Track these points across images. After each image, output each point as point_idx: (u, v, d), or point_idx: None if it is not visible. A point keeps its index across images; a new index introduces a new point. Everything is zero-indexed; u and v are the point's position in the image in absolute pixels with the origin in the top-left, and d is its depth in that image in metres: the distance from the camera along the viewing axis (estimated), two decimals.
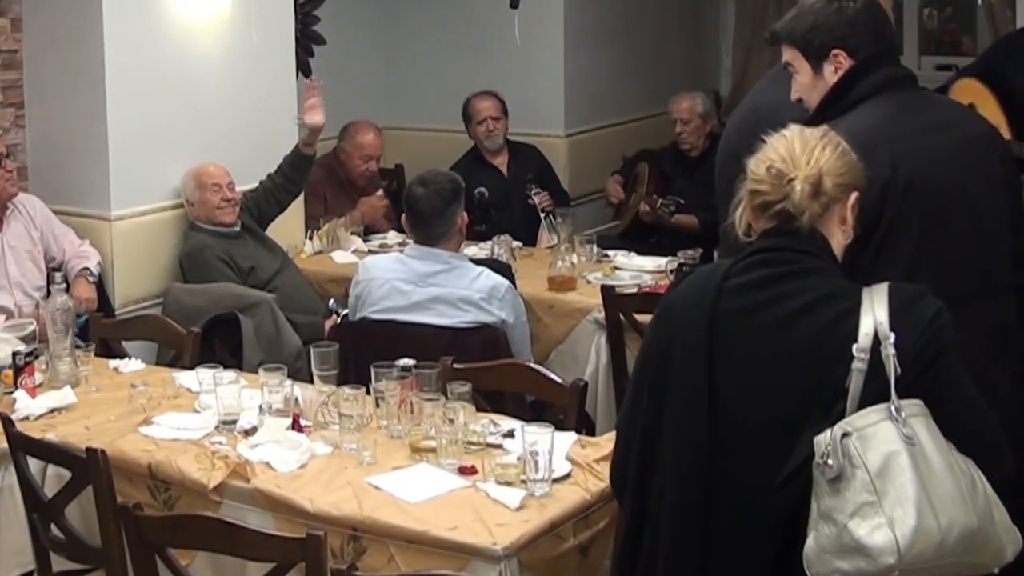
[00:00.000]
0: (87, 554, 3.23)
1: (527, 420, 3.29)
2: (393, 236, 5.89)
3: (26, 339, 4.00)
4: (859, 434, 2.11)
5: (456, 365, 3.70)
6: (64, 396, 3.69)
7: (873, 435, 2.12)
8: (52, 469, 3.33)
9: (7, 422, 3.32)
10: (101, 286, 4.84)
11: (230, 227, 5.11)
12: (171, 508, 3.18)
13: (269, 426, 3.37)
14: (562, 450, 3.12)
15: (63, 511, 3.24)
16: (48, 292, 4.50)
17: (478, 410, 3.45)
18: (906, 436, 2.12)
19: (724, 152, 3.14)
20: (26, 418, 3.55)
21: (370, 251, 5.63)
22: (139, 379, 3.82)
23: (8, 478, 3.36)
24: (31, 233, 4.79)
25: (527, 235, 5.90)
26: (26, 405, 3.61)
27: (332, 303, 5.16)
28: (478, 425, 3.30)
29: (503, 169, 6.42)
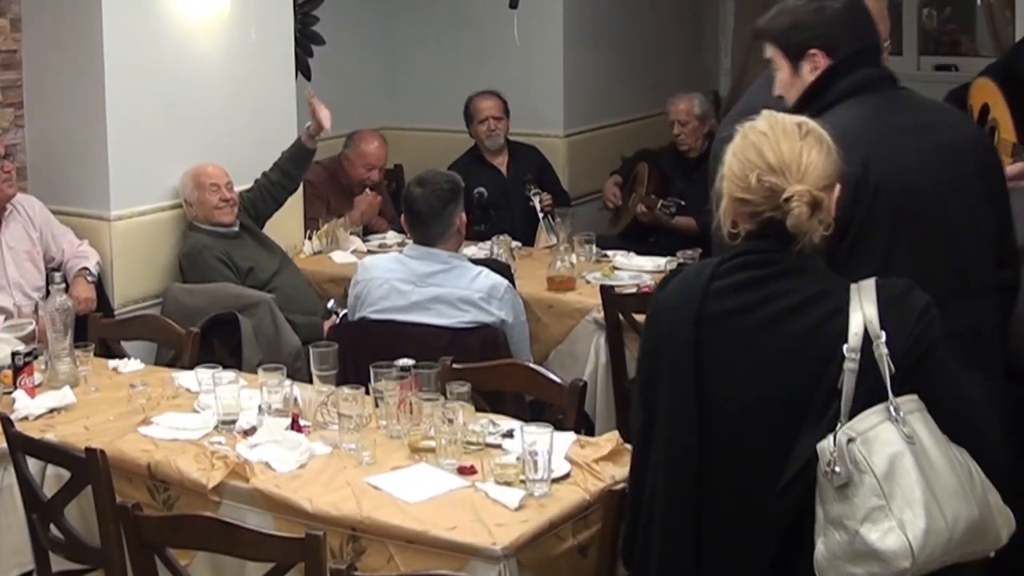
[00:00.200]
0: (86, 554, 3.23)
1: (526, 420, 3.29)
2: (392, 236, 5.90)
3: (25, 339, 4.00)
4: (863, 438, 2.12)
5: (455, 365, 3.70)
6: (63, 396, 3.69)
7: (876, 438, 2.12)
8: (51, 469, 3.33)
9: (6, 422, 3.32)
10: (100, 286, 4.84)
11: (229, 227, 5.11)
12: (170, 508, 3.18)
13: (268, 426, 3.38)
14: (561, 450, 3.12)
15: (62, 511, 3.24)
16: (47, 292, 4.51)
17: (477, 410, 3.45)
18: (907, 436, 2.13)
19: (718, 154, 3.14)
20: (25, 418, 3.55)
21: (369, 251, 5.63)
22: (138, 379, 3.82)
23: (7, 478, 3.36)
24: (30, 234, 4.79)
25: (526, 235, 5.90)
26: (25, 405, 3.61)
27: (331, 304, 5.17)
28: (477, 425, 3.30)
29: (503, 169, 6.42)
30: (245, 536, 2.70)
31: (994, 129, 4.22)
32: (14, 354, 3.74)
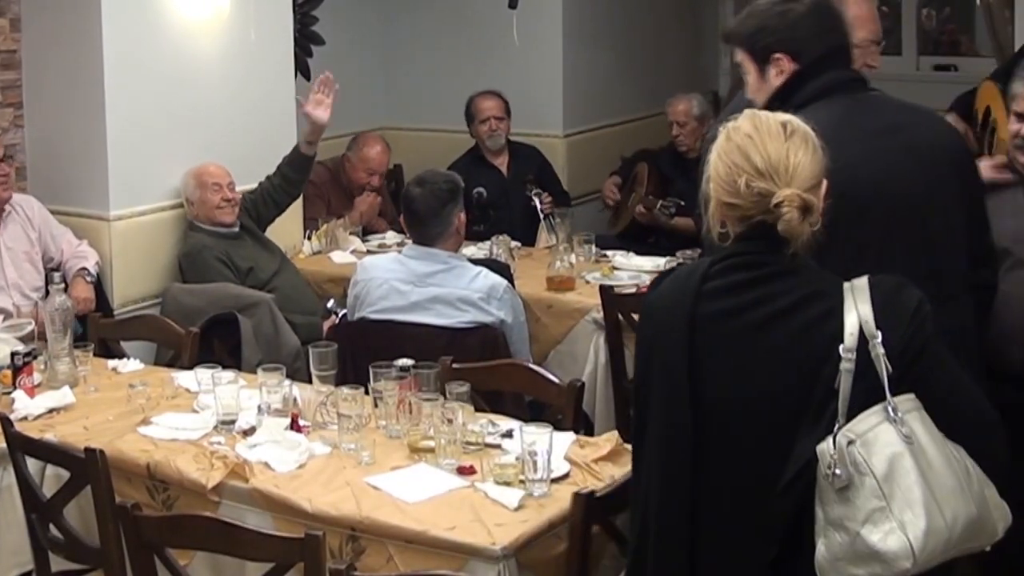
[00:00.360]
0: (86, 554, 3.23)
1: (526, 420, 3.29)
2: (392, 236, 5.90)
3: (24, 339, 4.00)
4: (862, 440, 2.11)
5: (455, 365, 3.70)
6: (63, 396, 3.69)
7: (875, 440, 2.12)
8: (51, 469, 3.33)
9: (6, 422, 3.32)
10: (99, 286, 4.84)
11: (229, 227, 5.12)
12: (170, 508, 3.18)
13: (268, 426, 3.38)
14: (560, 450, 3.13)
15: (62, 511, 3.24)
16: (46, 293, 4.51)
17: (477, 410, 3.45)
18: (905, 436, 2.13)
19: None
20: (25, 418, 3.55)
21: (368, 251, 5.63)
22: (138, 379, 3.82)
23: (7, 478, 3.36)
24: (28, 234, 4.79)
25: (526, 235, 5.90)
26: (25, 405, 3.61)
27: (331, 304, 5.17)
28: (477, 425, 3.30)
29: (503, 169, 6.42)
30: (244, 536, 2.70)
31: (994, 129, 4.24)
32: (13, 354, 3.74)
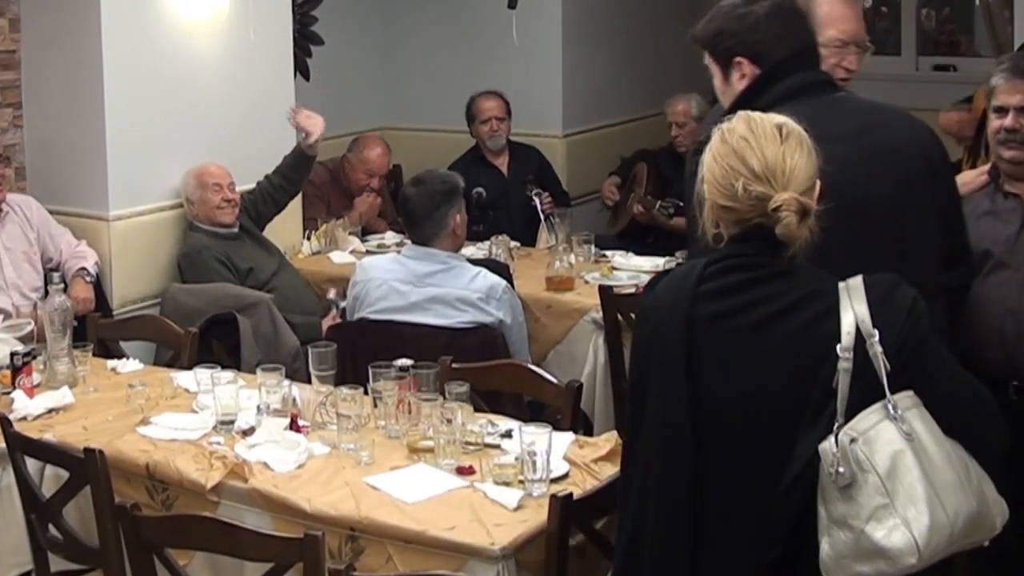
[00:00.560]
0: (85, 554, 3.23)
1: (525, 420, 3.29)
2: (391, 236, 5.90)
3: (24, 339, 4.00)
4: (864, 438, 2.12)
5: (454, 365, 3.70)
6: (62, 396, 3.70)
7: (876, 437, 2.12)
8: (50, 469, 3.33)
9: (5, 422, 3.32)
10: (99, 286, 4.84)
11: (229, 228, 5.12)
12: (169, 508, 3.18)
13: (267, 426, 3.38)
14: (560, 450, 3.13)
15: (61, 511, 3.24)
16: (46, 293, 4.51)
17: (476, 410, 3.45)
18: (906, 433, 2.13)
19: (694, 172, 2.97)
20: (24, 418, 3.55)
21: (368, 251, 5.63)
22: (137, 379, 3.82)
23: (6, 478, 3.37)
24: (27, 234, 4.78)
25: (526, 235, 5.90)
26: (24, 405, 3.61)
27: (332, 295, 5.14)
28: (476, 425, 3.30)
29: (504, 169, 6.43)
30: (244, 536, 2.70)
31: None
32: (13, 354, 3.74)
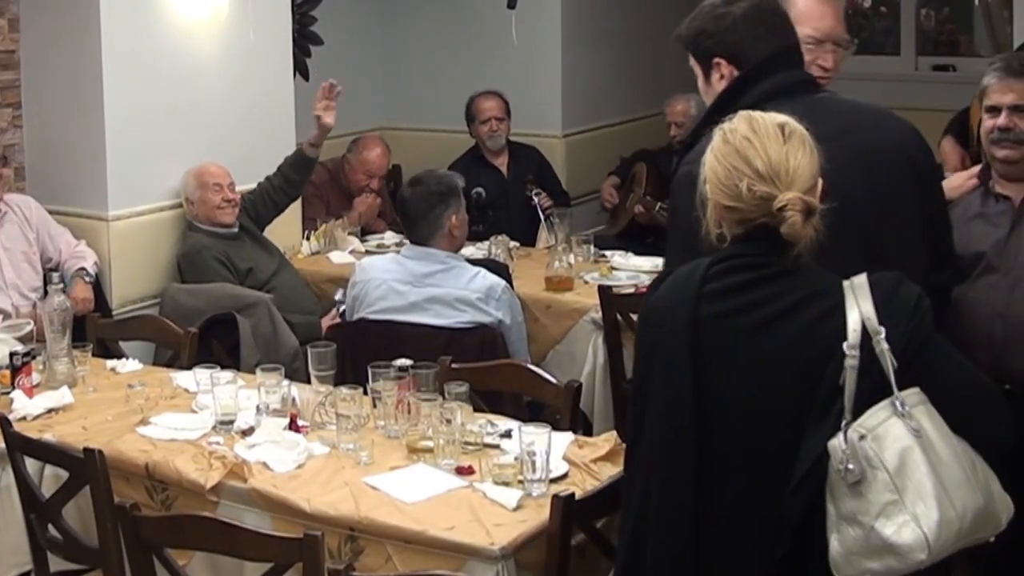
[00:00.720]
0: (84, 554, 3.23)
1: (524, 420, 3.29)
2: (390, 236, 5.90)
3: (23, 339, 4.00)
4: (873, 435, 2.13)
5: (453, 365, 3.70)
6: (61, 396, 3.69)
7: (885, 434, 2.13)
8: (49, 469, 3.32)
9: (4, 422, 3.32)
10: (98, 286, 4.84)
11: (229, 228, 5.12)
12: (168, 508, 3.18)
13: (266, 426, 3.38)
14: (559, 450, 3.13)
15: (60, 511, 3.24)
16: (45, 293, 4.51)
17: (475, 410, 3.45)
18: (914, 430, 2.14)
19: (681, 186, 2.72)
20: (23, 418, 3.55)
21: (367, 251, 5.63)
22: (136, 379, 3.83)
23: (5, 478, 3.37)
24: (26, 234, 4.78)
25: (525, 235, 5.90)
26: (23, 405, 3.61)
27: (339, 295, 5.12)
28: (475, 425, 3.30)
29: (503, 169, 6.43)
30: (243, 536, 2.70)
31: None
32: (12, 354, 3.74)
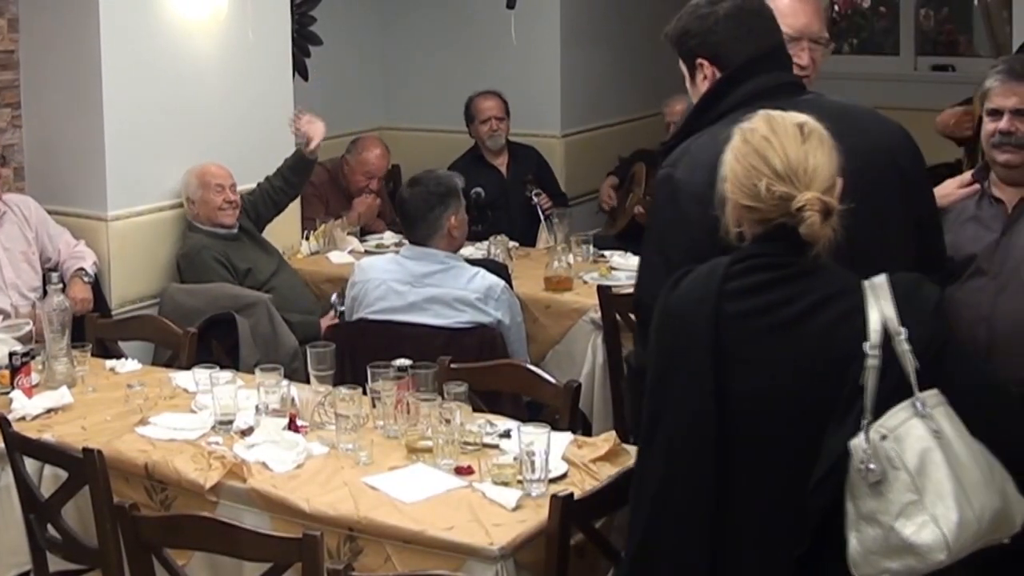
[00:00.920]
0: (84, 554, 3.23)
1: (523, 420, 3.29)
2: (389, 236, 5.89)
3: (23, 339, 4.00)
4: (894, 435, 2.13)
5: (452, 365, 3.70)
6: (61, 396, 3.69)
7: (906, 434, 2.14)
8: (49, 469, 3.33)
9: (4, 422, 3.32)
10: (97, 286, 4.84)
11: (229, 229, 5.12)
12: (168, 508, 3.18)
13: (265, 426, 3.38)
14: (558, 450, 3.13)
15: (60, 511, 3.23)
16: (44, 293, 4.51)
17: (474, 410, 3.45)
18: (934, 431, 2.15)
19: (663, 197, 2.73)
20: (23, 418, 3.55)
21: (367, 252, 5.63)
22: (135, 379, 3.83)
23: (5, 478, 3.37)
24: (26, 234, 4.78)
25: (524, 235, 5.90)
26: (23, 405, 3.61)
27: (335, 298, 5.13)
28: (474, 425, 3.30)
29: (503, 169, 6.42)
30: (242, 536, 2.70)
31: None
32: (11, 354, 3.74)
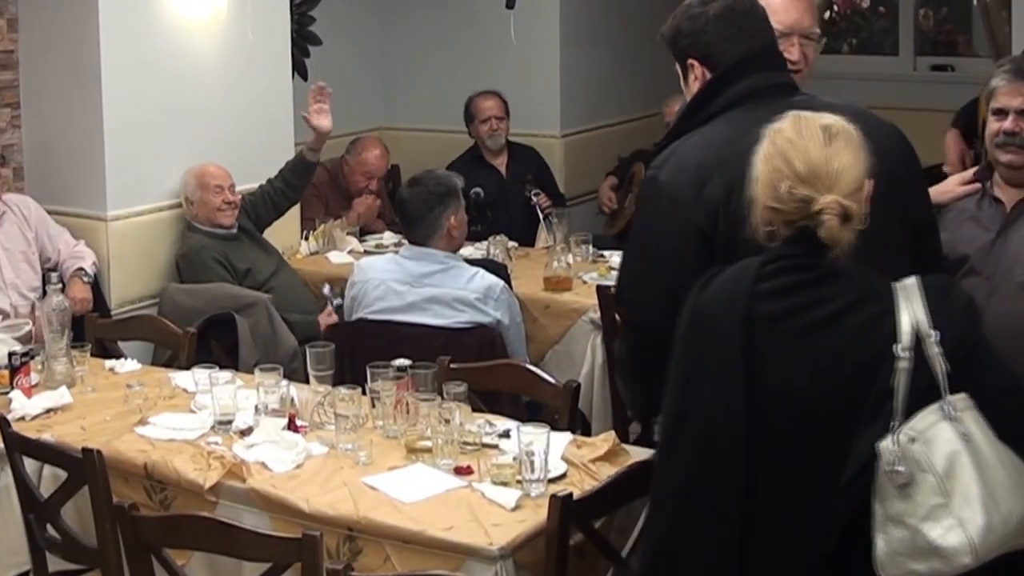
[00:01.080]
0: (83, 554, 3.23)
1: (523, 420, 3.29)
2: (389, 236, 5.89)
3: (22, 339, 4.00)
4: (923, 438, 2.13)
5: (452, 365, 3.70)
6: (60, 396, 3.70)
7: (935, 437, 2.14)
8: (48, 469, 3.33)
9: (3, 422, 3.32)
10: (97, 286, 4.84)
11: (228, 229, 5.12)
12: (167, 508, 3.18)
13: (265, 426, 3.38)
14: (557, 450, 3.13)
15: (59, 511, 3.24)
16: (44, 293, 4.51)
17: (474, 410, 3.45)
18: (963, 434, 2.15)
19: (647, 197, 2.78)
20: (22, 418, 3.55)
21: (366, 252, 5.63)
22: (135, 379, 3.83)
23: (4, 478, 3.37)
24: (25, 234, 4.78)
25: (524, 235, 5.90)
26: (22, 405, 3.61)
27: (327, 290, 5.11)
28: (474, 425, 3.30)
29: (502, 169, 6.42)
30: (242, 536, 2.70)
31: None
32: (11, 354, 3.74)
